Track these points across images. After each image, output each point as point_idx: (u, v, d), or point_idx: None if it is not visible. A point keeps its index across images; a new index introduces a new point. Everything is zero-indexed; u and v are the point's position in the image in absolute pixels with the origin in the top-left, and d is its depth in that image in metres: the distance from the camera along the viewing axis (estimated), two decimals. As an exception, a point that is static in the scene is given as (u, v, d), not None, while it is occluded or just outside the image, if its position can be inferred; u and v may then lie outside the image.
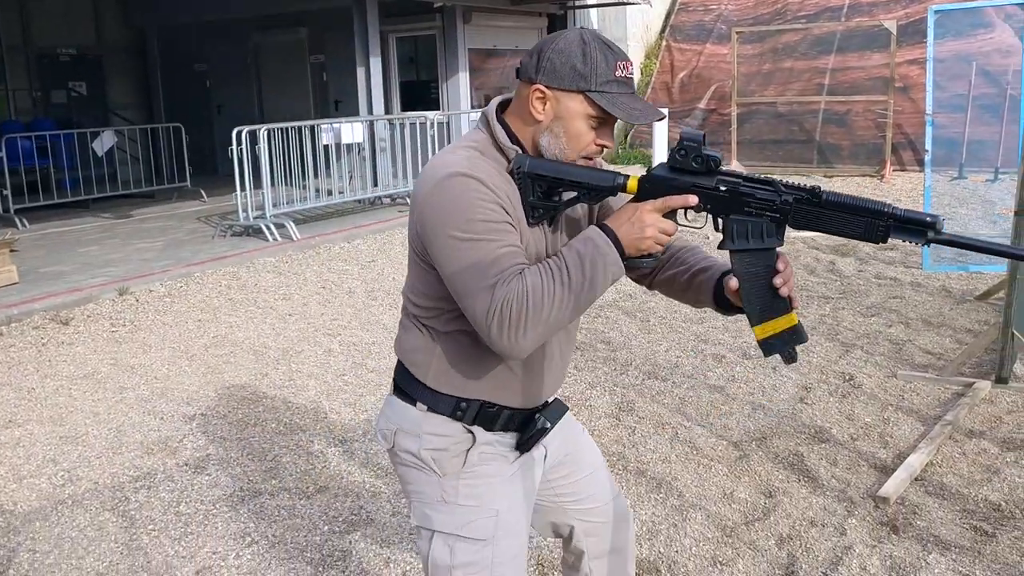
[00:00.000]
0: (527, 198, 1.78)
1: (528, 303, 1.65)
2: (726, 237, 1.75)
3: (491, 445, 1.92)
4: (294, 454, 4.13)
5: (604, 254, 1.70)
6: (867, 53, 13.60)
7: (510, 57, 14.85)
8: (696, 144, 1.72)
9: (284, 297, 7.12)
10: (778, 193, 1.70)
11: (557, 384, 2.02)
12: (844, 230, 1.67)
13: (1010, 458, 3.82)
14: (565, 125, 1.77)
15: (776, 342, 1.74)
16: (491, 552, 1.88)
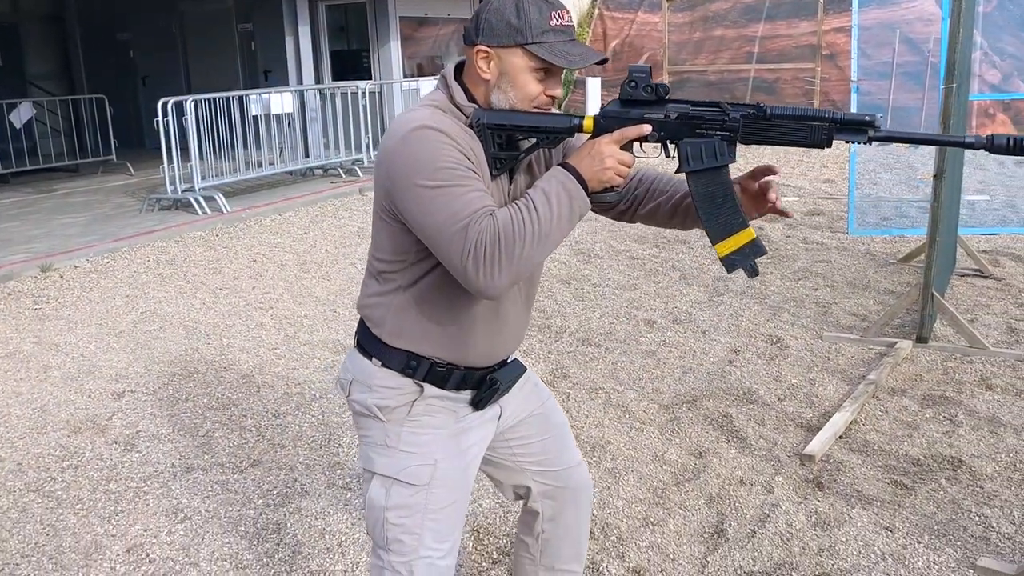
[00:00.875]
0: (489, 150, 1.83)
1: (501, 241, 1.70)
2: (681, 161, 1.81)
3: (440, 400, 1.97)
4: (227, 429, 4.09)
5: (568, 189, 1.76)
6: (795, 21, 13.79)
7: (442, 25, 14.71)
8: (644, 75, 1.79)
9: (214, 271, 7.00)
10: (725, 112, 1.78)
11: (513, 344, 2.06)
12: (791, 139, 1.75)
13: (929, 414, 3.95)
14: (511, 80, 1.83)
15: (737, 257, 1.81)
16: (424, 498, 1.94)
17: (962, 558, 2.89)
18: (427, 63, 14.61)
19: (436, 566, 1.97)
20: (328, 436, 3.98)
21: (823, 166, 10.96)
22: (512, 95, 1.83)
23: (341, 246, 7.73)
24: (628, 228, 7.93)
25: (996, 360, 4.51)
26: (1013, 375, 4.33)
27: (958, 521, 3.10)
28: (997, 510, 3.16)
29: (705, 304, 5.66)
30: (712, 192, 1.80)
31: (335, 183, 10.85)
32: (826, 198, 8.96)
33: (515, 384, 2.09)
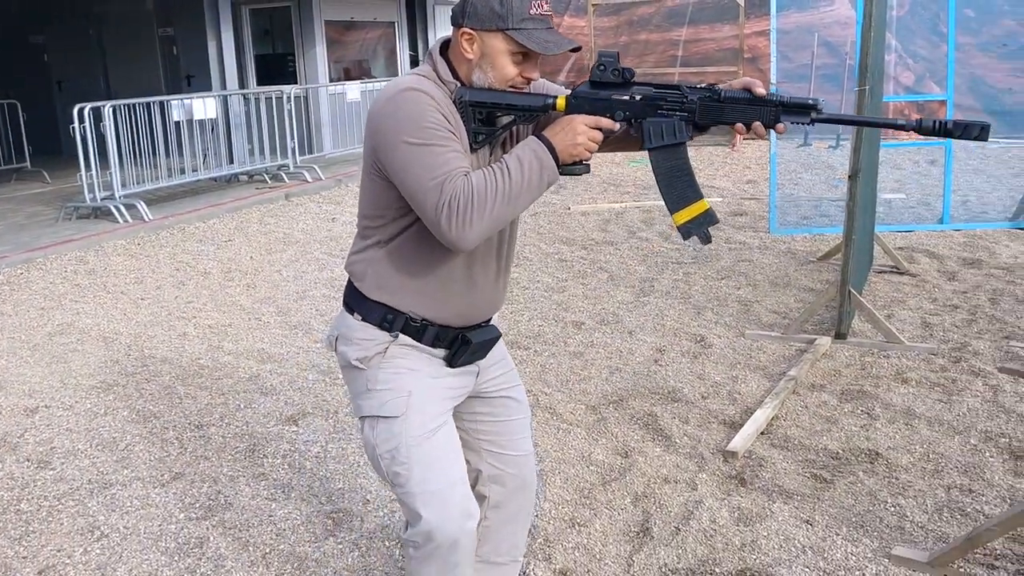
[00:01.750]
0: (470, 125, 1.97)
1: (474, 197, 1.85)
2: (645, 138, 1.97)
3: (414, 348, 2.11)
4: (147, 442, 4.00)
5: (540, 158, 1.90)
6: (717, 25, 14.03)
7: (369, 29, 14.63)
8: (612, 59, 1.96)
9: (136, 281, 6.85)
10: (684, 95, 1.94)
11: (487, 310, 2.19)
12: (743, 118, 1.91)
13: (847, 408, 4.05)
14: (491, 62, 1.97)
15: (692, 226, 1.98)
16: (403, 427, 2.07)
17: (878, 548, 2.97)
18: (354, 67, 14.51)
19: (438, 495, 2.05)
20: (253, 447, 3.91)
21: (746, 167, 11.18)
22: (491, 75, 1.98)
23: (266, 253, 7.62)
24: (557, 231, 7.97)
25: (911, 354, 4.64)
26: (927, 368, 4.46)
27: (875, 512, 3.18)
28: (911, 500, 3.25)
29: (632, 305, 5.72)
30: (671, 167, 1.97)
31: (260, 189, 10.70)
32: (749, 198, 9.13)
33: (489, 349, 2.22)
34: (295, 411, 4.28)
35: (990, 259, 6.42)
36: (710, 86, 1.93)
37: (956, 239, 7.05)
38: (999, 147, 11.17)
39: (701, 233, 1.97)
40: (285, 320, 5.73)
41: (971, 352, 4.63)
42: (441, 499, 2.06)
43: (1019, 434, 3.72)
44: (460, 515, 2.08)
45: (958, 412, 3.95)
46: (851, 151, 4.84)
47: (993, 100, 12.08)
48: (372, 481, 3.55)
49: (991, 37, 12.13)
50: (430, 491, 2.06)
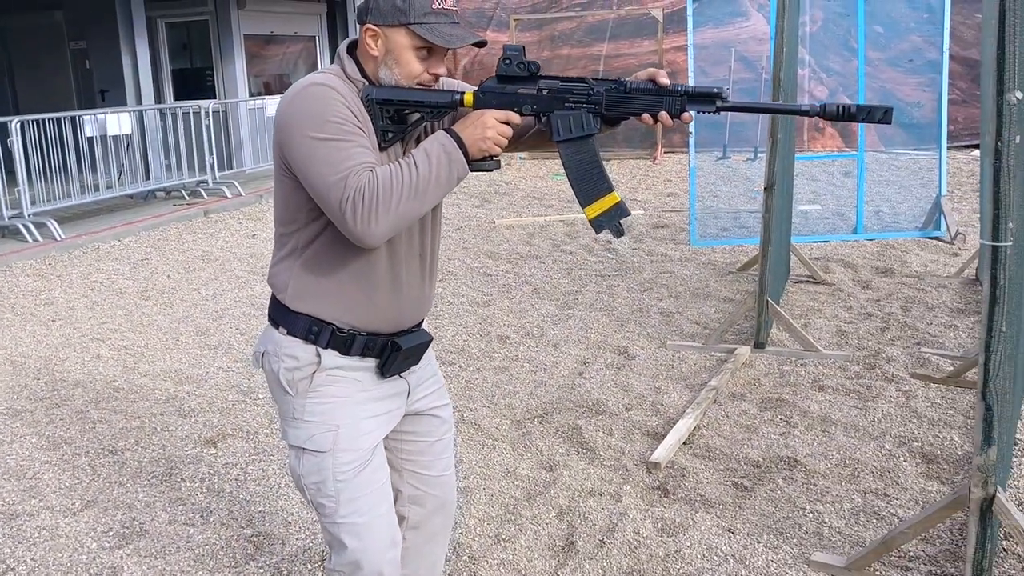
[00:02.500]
0: (378, 123, 1.93)
1: (379, 191, 1.82)
2: (553, 131, 1.95)
3: (342, 369, 2.05)
4: (58, 470, 3.86)
5: (448, 152, 1.88)
6: (638, 40, 14.24)
7: (290, 43, 14.47)
8: (518, 53, 1.96)
9: (47, 302, 6.63)
10: (591, 87, 1.94)
11: (415, 313, 2.13)
12: (649, 108, 1.91)
13: (767, 417, 4.12)
14: (396, 58, 1.94)
15: (604, 219, 1.97)
16: (331, 463, 2.03)
17: (798, 554, 3.02)
18: (274, 81, 14.34)
19: (364, 527, 2.03)
20: (169, 471, 3.81)
21: (667, 180, 11.35)
22: (397, 72, 1.95)
23: (185, 271, 7.45)
24: (482, 245, 7.97)
25: (827, 362, 4.75)
26: (843, 375, 4.57)
27: (794, 519, 3.24)
28: (829, 506, 3.31)
29: (556, 318, 5.74)
30: (581, 160, 1.96)
31: (178, 206, 10.47)
32: (670, 211, 9.27)
33: (421, 355, 2.17)
34: (214, 433, 4.18)
35: (902, 268, 6.62)
36: (617, 79, 1.93)
37: (869, 248, 7.25)
38: (908, 158, 11.55)
39: (613, 226, 1.97)
40: (204, 340, 5.61)
41: (884, 359, 4.75)
42: (367, 530, 2.03)
43: (930, 438, 3.82)
44: (385, 545, 2.06)
45: (873, 418, 4.05)
46: (766, 164, 4.94)
47: (902, 113, 12.48)
48: (293, 503, 3.48)
49: (899, 52, 12.56)
50: (356, 523, 2.03)
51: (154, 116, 11.34)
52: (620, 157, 13.39)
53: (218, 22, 13.04)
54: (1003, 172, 2.50)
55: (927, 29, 11.69)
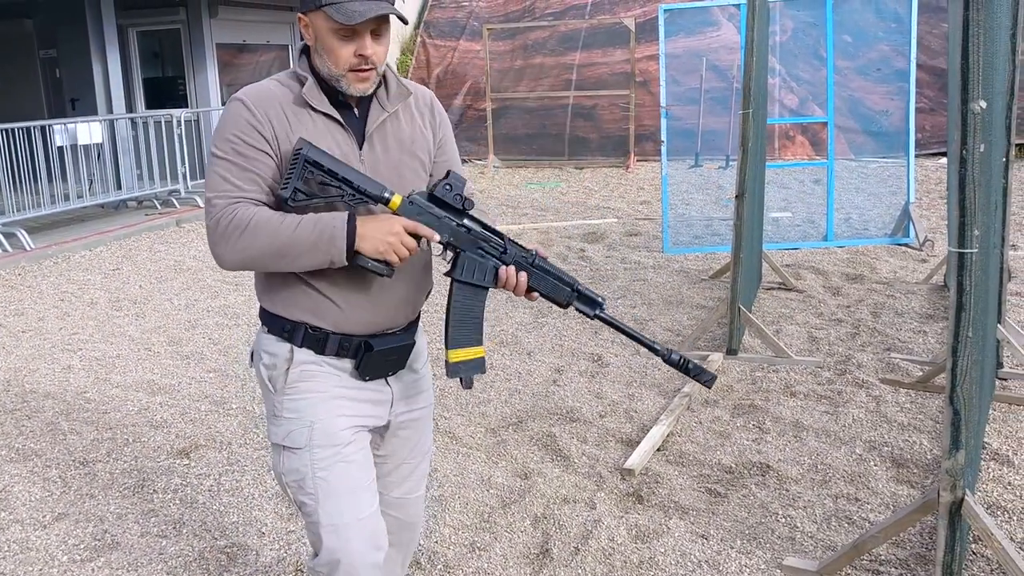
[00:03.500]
0: (295, 180, 1.86)
1: (242, 230, 1.85)
2: (456, 267, 2.00)
3: (317, 364, 2.03)
4: (27, 482, 3.82)
5: (334, 235, 1.85)
6: (610, 49, 14.32)
7: (262, 52, 14.42)
8: (460, 184, 1.96)
9: (16, 313, 6.55)
10: (505, 246, 2.00)
11: (395, 316, 2.08)
12: (541, 289, 2.04)
13: (739, 423, 4.15)
14: (323, 43, 1.91)
15: (463, 367, 2.02)
16: (308, 459, 2.02)
17: (771, 559, 3.04)
18: (247, 90, 14.27)
19: (344, 528, 2.01)
20: (141, 482, 3.78)
21: (640, 188, 11.41)
22: (327, 60, 1.91)
23: (157, 281, 7.40)
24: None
25: (799, 368, 4.79)
26: (814, 381, 4.61)
27: (767, 524, 3.26)
28: (801, 511, 3.34)
29: (531, 326, 5.75)
30: (469, 306, 2.01)
31: (150, 215, 10.40)
32: (643, 219, 9.32)
33: (402, 359, 2.11)
34: (187, 444, 4.15)
35: (871, 274, 6.69)
36: (530, 250, 2.01)
37: (840, 255, 7.33)
38: (877, 166, 11.68)
39: (467, 377, 2.03)
40: (176, 350, 5.57)
41: (855, 364, 4.81)
42: (347, 531, 2.02)
43: (900, 443, 3.87)
44: (365, 547, 2.05)
45: (844, 423, 4.10)
46: (737, 172, 4.99)
47: (871, 121, 12.65)
48: (267, 513, 3.47)
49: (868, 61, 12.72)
50: (336, 523, 2.02)
51: (125, 125, 11.26)
52: (593, 165, 13.46)
53: (190, 31, 12.98)
54: (968, 180, 2.54)
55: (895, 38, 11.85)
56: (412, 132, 2.07)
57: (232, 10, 13.23)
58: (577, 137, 14.08)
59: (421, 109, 2.12)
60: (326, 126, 1.96)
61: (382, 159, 2.01)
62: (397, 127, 2.05)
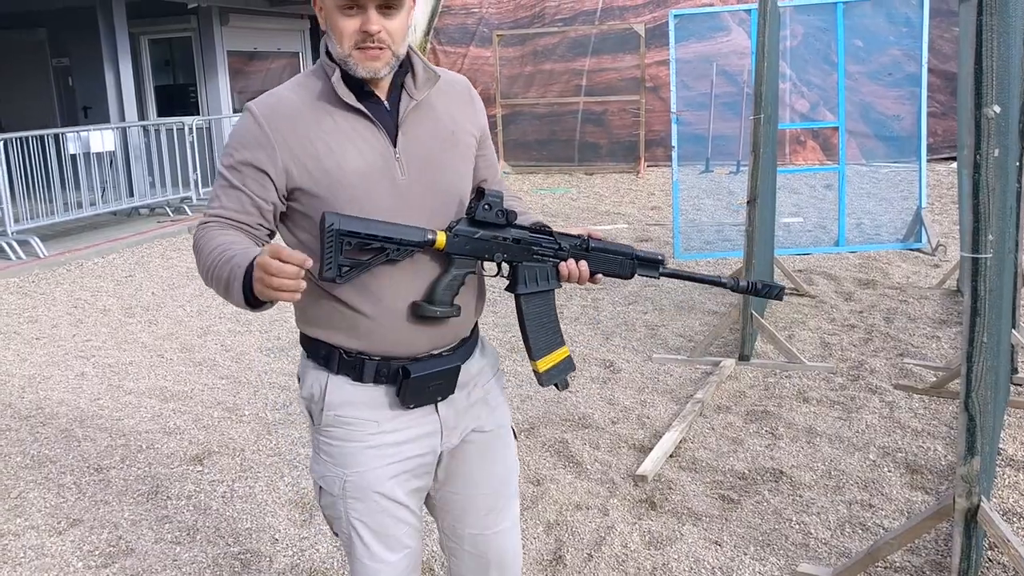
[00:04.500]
0: (336, 256, 1.71)
1: (198, 251, 1.80)
2: (518, 282, 1.89)
3: (352, 406, 1.86)
4: (43, 488, 3.83)
5: (231, 281, 1.69)
6: (620, 55, 14.32)
7: (273, 59, 14.48)
8: (499, 200, 1.84)
9: (30, 320, 6.59)
10: (557, 242, 1.91)
11: (437, 336, 1.88)
12: (605, 269, 1.96)
13: (752, 429, 4.14)
14: (330, 23, 1.77)
15: (554, 372, 1.95)
16: (343, 507, 1.91)
17: (784, 566, 3.03)
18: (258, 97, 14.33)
19: (374, 573, 1.91)
20: (155, 488, 3.79)
21: (650, 194, 11.40)
22: (335, 39, 1.77)
23: (169, 288, 7.43)
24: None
25: (812, 374, 4.78)
26: (827, 387, 4.60)
27: (780, 530, 3.25)
28: (815, 517, 3.33)
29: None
30: (541, 312, 1.93)
31: (162, 223, 10.45)
32: (654, 224, 9.31)
33: (448, 384, 1.89)
34: (200, 450, 4.16)
35: (884, 279, 6.67)
36: (578, 235, 1.93)
37: (852, 261, 7.31)
38: (889, 171, 11.65)
39: (561, 380, 1.96)
40: (189, 357, 5.59)
41: (868, 370, 4.79)
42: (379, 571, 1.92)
43: (914, 448, 3.85)
44: None
45: (857, 429, 4.08)
46: (749, 177, 4.98)
47: (882, 126, 12.61)
48: (280, 520, 3.48)
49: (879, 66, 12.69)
50: (365, 564, 1.92)
51: (137, 133, 11.32)
52: (604, 171, 13.46)
53: (201, 38, 13.05)
54: (982, 185, 2.53)
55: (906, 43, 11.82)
56: (450, 120, 1.90)
57: (243, 18, 13.29)
58: (587, 143, 14.09)
59: (459, 96, 1.95)
60: (351, 125, 1.79)
61: (419, 157, 1.83)
62: (432, 115, 1.87)
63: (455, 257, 1.83)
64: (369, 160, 1.78)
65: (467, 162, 1.92)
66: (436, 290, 1.82)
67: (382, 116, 1.82)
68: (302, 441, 4.21)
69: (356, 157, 1.77)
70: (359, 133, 1.79)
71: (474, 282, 1.94)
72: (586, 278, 1.92)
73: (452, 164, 1.88)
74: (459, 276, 1.84)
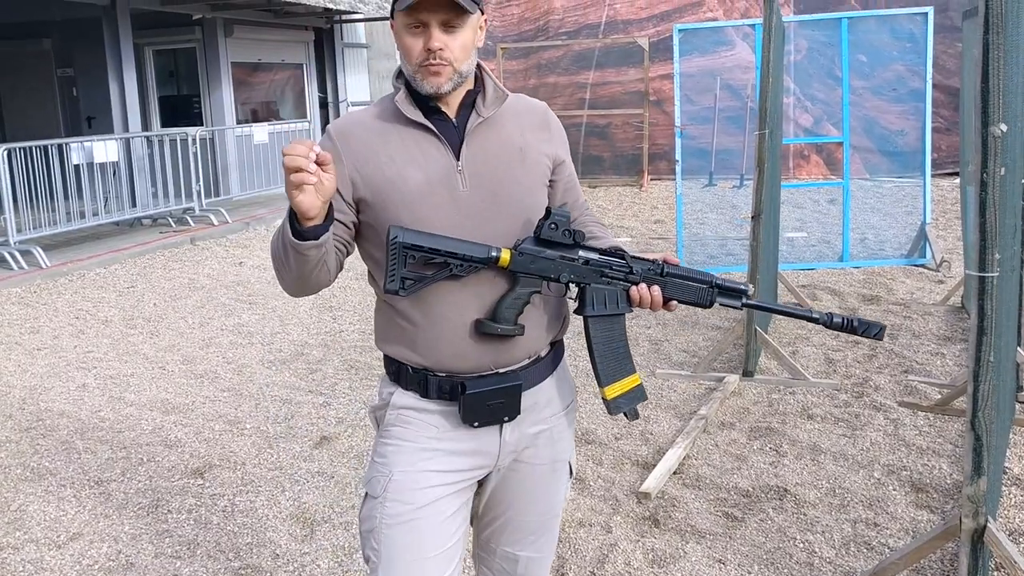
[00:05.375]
0: (400, 269, 1.75)
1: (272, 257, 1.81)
2: (586, 304, 1.85)
3: (414, 410, 1.88)
4: (42, 501, 3.81)
5: (284, 231, 1.73)
6: (624, 68, 14.35)
7: (277, 71, 14.52)
8: (565, 219, 1.80)
9: (32, 330, 6.58)
10: (629, 265, 1.85)
11: (494, 355, 1.85)
12: (680, 296, 1.87)
13: (756, 446, 4.12)
14: (399, 43, 1.81)
15: (623, 401, 1.88)
16: (380, 510, 1.86)
17: (789, 585, 3.01)
18: (262, 108, 14.37)
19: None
20: (156, 502, 3.77)
21: (653, 207, 11.40)
22: (403, 58, 1.82)
23: (171, 299, 7.42)
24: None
25: (816, 390, 4.75)
26: (831, 404, 4.57)
27: (784, 549, 3.23)
28: (819, 535, 3.31)
29: (544, 346, 5.73)
30: (609, 337, 1.87)
31: (164, 233, 10.45)
32: (657, 238, 9.30)
33: (511, 403, 1.86)
34: (201, 463, 4.14)
35: (888, 295, 6.65)
36: (653, 260, 1.87)
37: (856, 276, 7.29)
38: (893, 186, 11.65)
39: (630, 409, 1.90)
40: (190, 369, 5.58)
41: (872, 387, 4.77)
42: None
43: (919, 467, 3.83)
44: None
45: (861, 447, 4.06)
46: (753, 192, 4.97)
47: (886, 141, 12.62)
48: (281, 535, 3.45)
49: (883, 81, 12.70)
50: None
51: (141, 143, 11.34)
52: (607, 184, 13.46)
53: (205, 49, 13.08)
54: (988, 203, 2.52)
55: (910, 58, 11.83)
56: (519, 137, 1.90)
57: (247, 29, 13.33)
58: (591, 155, 14.10)
59: (534, 120, 1.94)
60: (415, 140, 1.83)
61: (482, 171, 1.84)
62: (500, 132, 1.88)
63: (520, 276, 1.81)
64: (430, 173, 1.81)
65: (535, 178, 1.90)
66: (499, 308, 1.81)
67: (448, 131, 1.84)
68: (303, 455, 4.19)
69: (417, 169, 1.81)
70: (422, 147, 1.82)
71: (547, 302, 1.91)
72: (659, 304, 1.86)
73: (517, 178, 1.87)
74: (523, 295, 1.82)
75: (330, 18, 14.57)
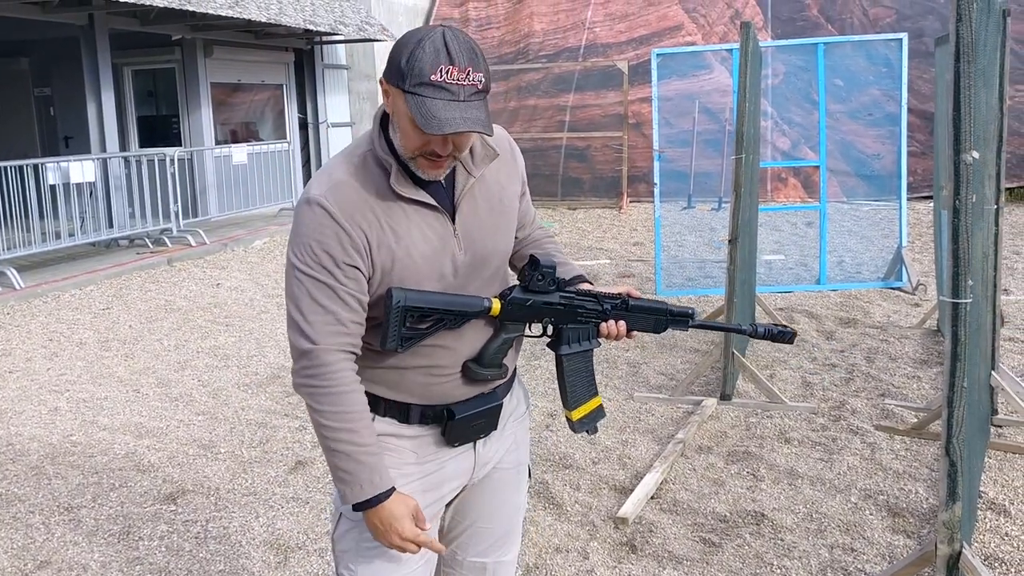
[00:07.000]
0: (400, 329, 1.80)
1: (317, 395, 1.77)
2: (561, 343, 1.98)
3: (396, 437, 1.91)
4: (10, 528, 3.75)
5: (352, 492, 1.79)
6: (603, 92, 14.43)
7: (257, 91, 14.49)
8: (552, 271, 1.93)
9: (3, 353, 6.50)
10: (600, 303, 1.98)
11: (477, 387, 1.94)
12: (640, 326, 2.02)
13: (734, 470, 4.11)
14: (398, 121, 1.73)
15: (586, 420, 2.05)
16: (358, 534, 1.89)
17: (766, 612, 2.99)
18: (241, 129, 14.33)
19: None
20: (127, 529, 3.72)
21: (633, 229, 11.43)
22: (400, 138, 1.74)
23: (147, 321, 7.36)
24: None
25: (793, 414, 4.76)
26: (808, 428, 4.58)
27: (761, 574, 3.21)
28: (796, 561, 3.30)
29: (523, 369, 5.71)
30: (579, 368, 2.01)
31: (141, 254, 10.37)
32: (636, 260, 9.32)
33: (490, 421, 1.96)
34: (174, 489, 4.09)
35: (865, 318, 6.69)
36: (618, 295, 1.99)
37: (833, 299, 7.33)
38: (870, 209, 11.74)
39: (591, 427, 2.06)
40: (165, 392, 5.52)
41: (849, 411, 4.78)
42: None
43: (896, 491, 3.83)
44: None
45: (838, 471, 4.06)
46: (730, 216, 4.99)
47: (863, 165, 12.74)
48: (255, 562, 3.41)
49: (859, 105, 12.84)
50: None
51: (118, 163, 11.26)
52: (587, 206, 13.50)
53: (185, 70, 13.04)
54: (961, 230, 2.54)
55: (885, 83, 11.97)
56: (500, 188, 1.93)
57: (227, 50, 13.31)
58: (570, 178, 14.14)
59: (504, 158, 1.95)
60: (418, 214, 1.80)
61: (474, 234, 1.86)
62: (484, 187, 1.89)
63: (507, 323, 1.92)
64: (433, 243, 1.82)
65: (510, 223, 1.98)
66: (486, 353, 1.90)
67: (440, 197, 1.83)
68: (278, 480, 4.14)
69: (422, 242, 1.81)
70: (423, 218, 1.81)
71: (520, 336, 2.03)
72: (622, 335, 1.99)
73: (500, 230, 1.94)
74: (509, 340, 1.93)
75: (310, 39, 14.57)
